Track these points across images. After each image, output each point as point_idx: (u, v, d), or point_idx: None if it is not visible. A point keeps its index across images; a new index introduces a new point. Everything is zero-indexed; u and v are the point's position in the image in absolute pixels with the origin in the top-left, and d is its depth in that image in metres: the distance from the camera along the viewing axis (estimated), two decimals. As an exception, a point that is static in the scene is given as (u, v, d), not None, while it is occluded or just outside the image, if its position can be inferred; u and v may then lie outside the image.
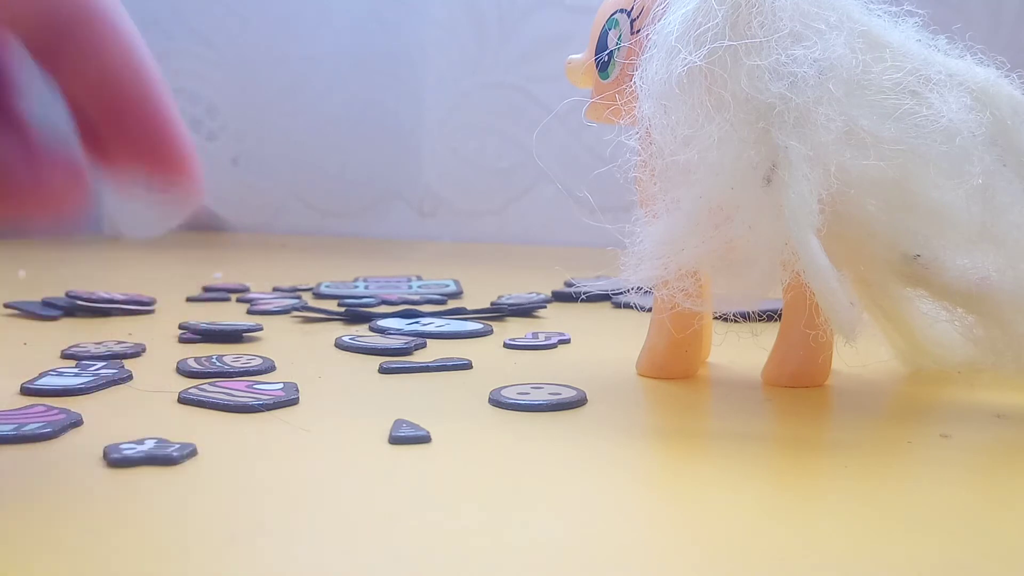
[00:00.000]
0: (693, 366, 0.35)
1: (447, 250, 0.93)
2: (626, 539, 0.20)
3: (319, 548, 0.19)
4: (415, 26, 1.04)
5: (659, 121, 0.29)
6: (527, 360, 0.39)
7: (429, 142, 1.05)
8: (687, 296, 0.31)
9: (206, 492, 0.22)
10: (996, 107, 0.31)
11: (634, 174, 0.32)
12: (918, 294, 0.33)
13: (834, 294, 0.28)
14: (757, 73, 0.28)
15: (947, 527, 0.21)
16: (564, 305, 0.55)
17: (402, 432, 0.27)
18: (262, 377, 0.35)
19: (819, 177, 0.28)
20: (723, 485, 0.23)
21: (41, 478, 0.23)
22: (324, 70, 1.05)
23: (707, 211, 0.29)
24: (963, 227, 0.30)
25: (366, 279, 0.64)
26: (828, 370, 0.34)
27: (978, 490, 0.24)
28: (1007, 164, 0.31)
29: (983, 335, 0.32)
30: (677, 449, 0.27)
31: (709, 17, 0.28)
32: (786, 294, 0.33)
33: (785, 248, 0.28)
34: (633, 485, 0.24)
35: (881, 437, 0.28)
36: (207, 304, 0.55)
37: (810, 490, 0.23)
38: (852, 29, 0.29)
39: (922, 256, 0.30)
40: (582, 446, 0.27)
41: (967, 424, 0.29)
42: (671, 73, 0.29)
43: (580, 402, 0.31)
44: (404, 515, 0.21)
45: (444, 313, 0.51)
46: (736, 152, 0.28)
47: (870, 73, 0.29)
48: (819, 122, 0.28)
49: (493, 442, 0.27)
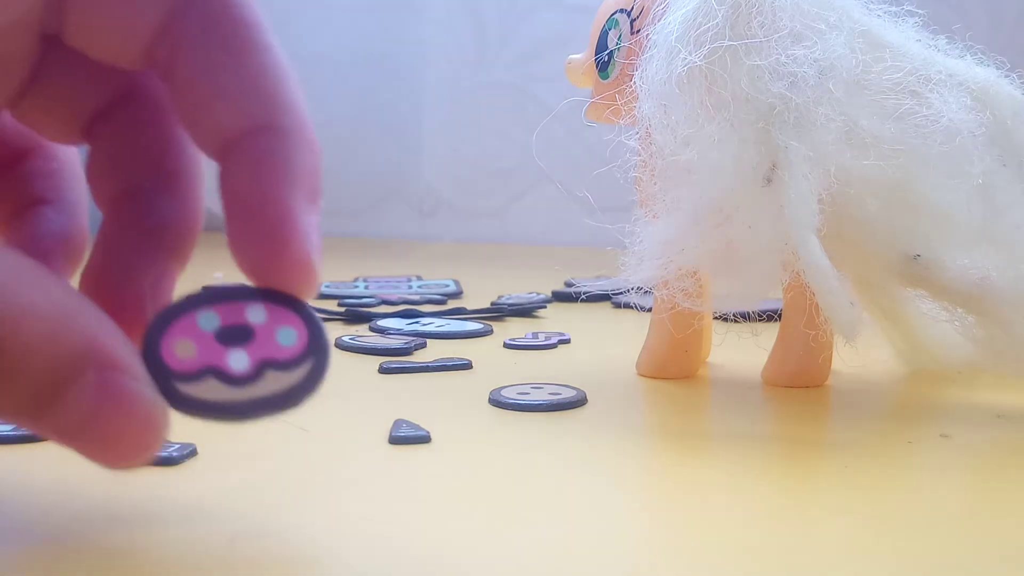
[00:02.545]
0: (693, 366, 0.35)
1: (447, 250, 0.93)
2: (626, 539, 0.20)
3: (319, 548, 0.19)
4: (415, 26, 1.04)
5: (659, 121, 0.29)
6: (527, 360, 0.39)
7: (429, 142, 1.05)
8: (687, 296, 0.31)
9: (206, 492, 0.22)
10: (996, 107, 0.31)
11: (634, 174, 0.32)
12: (918, 294, 0.33)
13: (834, 294, 0.28)
14: (757, 73, 0.28)
15: (947, 527, 0.21)
16: (564, 305, 0.55)
17: (402, 432, 0.27)
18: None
19: (819, 177, 0.28)
20: (723, 485, 0.23)
21: (42, 478, 0.23)
22: (324, 70, 1.05)
23: (707, 211, 0.29)
24: (963, 227, 0.30)
25: (366, 279, 0.64)
26: (828, 370, 0.34)
27: (978, 490, 0.24)
28: (1007, 164, 0.31)
29: (983, 335, 0.32)
30: (677, 449, 0.27)
31: (709, 17, 0.28)
32: (786, 294, 0.33)
33: (785, 248, 0.28)
34: (633, 485, 0.24)
35: (881, 437, 0.28)
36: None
37: (810, 490, 0.23)
38: (852, 29, 0.29)
39: (922, 256, 0.30)
40: (582, 446, 0.27)
41: (967, 424, 0.29)
42: (671, 73, 0.29)
43: (580, 402, 0.31)
44: (404, 515, 0.21)
45: (444, 313, 0.51)
46: (736, 152, 0.28)
47: (870, 73, 0.29)
48: (819, 122, 0.28)
49: (493, 442, 0.27)
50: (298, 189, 0.19)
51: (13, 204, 0.24)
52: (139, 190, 0.22)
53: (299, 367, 0.19)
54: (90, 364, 0.18)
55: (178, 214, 0.22)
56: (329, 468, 0.25)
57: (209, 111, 0.20)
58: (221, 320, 0.19)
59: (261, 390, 0.19)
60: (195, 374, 0.19)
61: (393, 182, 1.07)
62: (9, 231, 0.24)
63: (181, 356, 0.19)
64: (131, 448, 0.18)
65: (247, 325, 0.19)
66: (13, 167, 0.24)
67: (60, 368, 0.17)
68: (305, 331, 0.19)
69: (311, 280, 0.19)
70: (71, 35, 0.21)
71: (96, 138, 0.23)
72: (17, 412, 0.18)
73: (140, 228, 0.22)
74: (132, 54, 0.21)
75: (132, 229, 0.22)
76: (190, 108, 0.20)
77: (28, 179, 0.24)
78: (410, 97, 1.05)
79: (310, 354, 0.19)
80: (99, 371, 0.18)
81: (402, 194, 1.07)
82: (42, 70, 0.22)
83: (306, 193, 0.19)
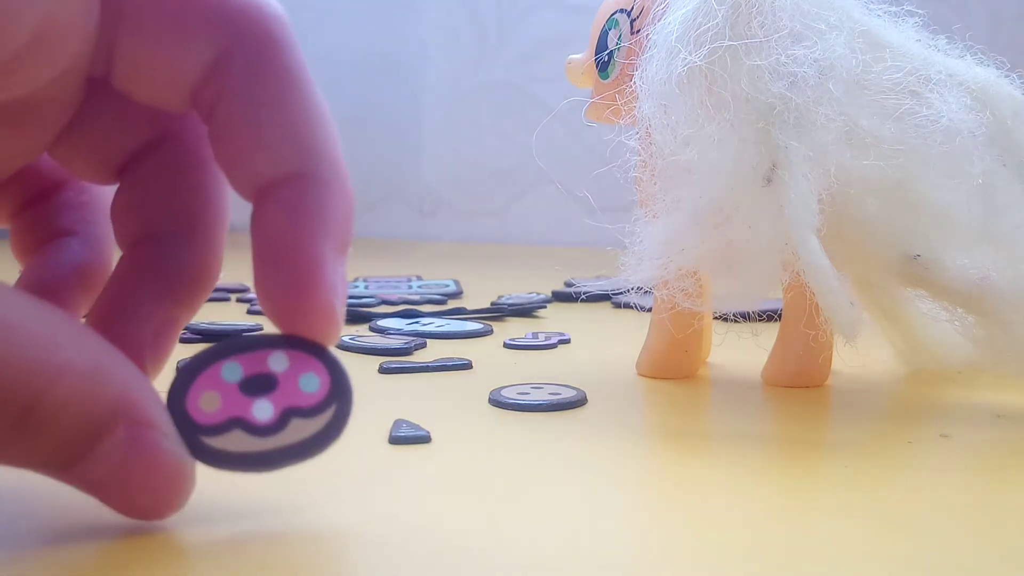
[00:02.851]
0: (693, 366, 0.35)
1: (447, 250, 0.93)
2: (626, 539, 0.20)
3: (319, 548, 0.19)
4: (415, 26, 1.04)
5: (659, 121, 0.29)
6: (527, 360, 0.39)
7: (429, 142, 1.05)
8: (687, 296, 0.31)
9: (204, 493, 0.22)
10: (996, 107, 0.31)
11: (634, 174, 0.32)
12: (918, 294, 0.33)
13: (834, 294, 0.28)
14: (757, 73, 0.28)
15: (947, 527, 0.21)
16: (564, 305, 0.55)
17: (402, 432, 0.27)
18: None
19: (819, 177, 0.28)
20: (723, 485, 0.23)
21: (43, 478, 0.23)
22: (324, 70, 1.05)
23: (707, 211, 0.29)
24: (963, 227, 0.30)
25: (366, 279, 0.64)
26: (828, 370, 0.34)
27: (978, 490, 0.24)
28: (1007, 164, 0.31)
29: (983, 335, 0.32)
30: (677, 449, 0.27)
31: (709, 17, 0.28)
32: (786, 294, 0.33)
33: (785, 248, 0.28)
34: (633, 485, 0.24)
35: (881, 437, 0.28)
36: (207, 304, 0.55)
37: (810, 490, 0.23)
38: (852, 29, 0.29)
39: (922, 256, 0.30)
40: (582, 446, 0.27)
41: (967, 424, 0.29)
42: (671, 73, 0.29)
43: (580, 402, 0.31)
44: (404, 515, 0.21)
45: (444, 313, 0.51)
46: (736, 152, 0.28)
47: (870, 73, 0.29)
48: (819, 122, 0.28)
49: (493, 442, 0.27)
50: (329, 238, 0.20)
51: (42, 234, 0.25)
52: (161, 234, 0.23)
53: (323, 413, 0.19)
54: (121, 420, 0.18)
55: (196, 263, 0.23)
56: (329, 468, 0.25)
57: (248, 156, 0.20)
58: (244, 370, 0.20)
59: (286, 439, 0.19)
60: (221, 426, 0.19)
61: (393, 182, 1.07)
62: (33, 258, 0.25)
63: (206, 409, 0.19)
64: (158, 502, 0.19)
65: (270, 373, 0.19)
66: (46, 199, 0.25)
67: (92, 424, 0.18)
68: (327, 376, 0.20)
69: (334, 328, 0.20)
70: (119, 78, 0.21)
71: (126, 178, 0.23)
72: (47, 465, 0.18)
73: (155, 271, 0.22)
74: (177, 97, 0.21)
75: (148, 271, 0.22)
76: (229, 151, 0.21)
77: (58, 210, 0.25)
78: (410, 97, 1.05)
79: (333, 399, 0.20)
80: (129, 427, 0.18)
81: (402, 194, 1.07)
82: (83, 112, 0.22)
83: (336, 242, 0.20)
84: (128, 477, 0.18)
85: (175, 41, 0.20)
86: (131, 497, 0.18)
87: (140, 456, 0.18)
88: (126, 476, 0.18)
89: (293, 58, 0.20)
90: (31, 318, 0.17)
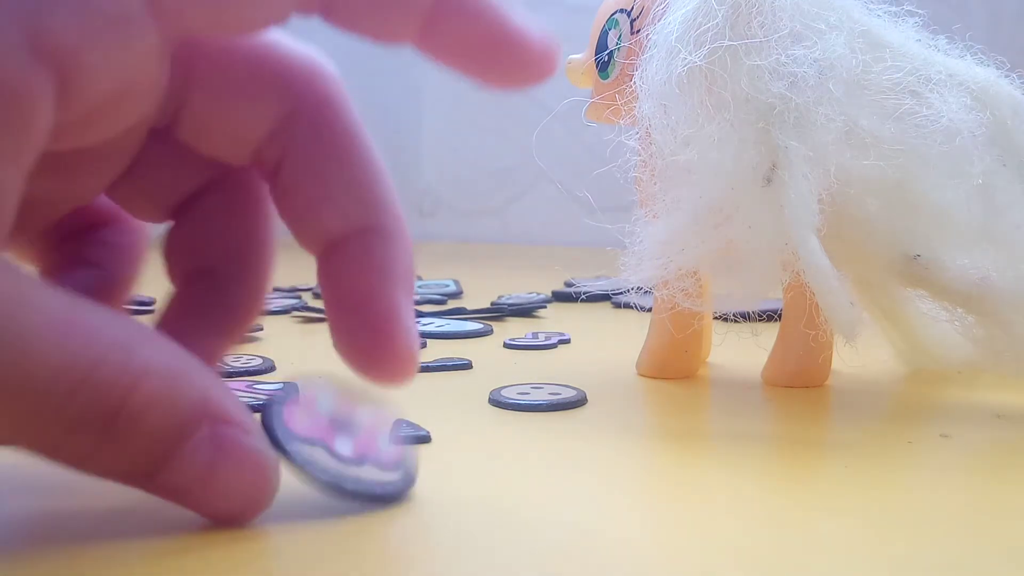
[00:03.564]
0: (693, 366, 0.35)
1: (447, 250, 0.93)
2: (626, 539, 0.20)
3: (319, 548, 0.19)
4: (415, 26, 1.04)
5: (659, 121, 0.29)
6: (527, 360, 0.39)
7: (429, 142, 1.05)
8: (687, 296, 0.31)
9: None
10: (996, 107, 0.31)
11: (634, 174, 0.32)
12: (918, 294, 0.33)
13: (834, 294, 0.28)
14: (757, 73, 0.28)
15: (947, 527, 0.21)
16: (564, 305, 0.55)
17: (402, 432, 0.27)
18: (262, 377, 0.35)
19: (819, 177, 0.28)
20: (723, 485, 0.23)
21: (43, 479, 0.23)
22: (324, 70, 1.05)
23: (707, 211, 0.29)
24: (963, 227, 0.30)
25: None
26: (828, 370, 0.34)
27: (978, 490, 0.24)
28: (1007, 164, 0.31)
29: (983, 335, 0.32)
30: (677, 449, 0.27)
31: (709, 17, 0.28)
32: (786, 294, 0.33)
33: (785, 248, 0.28)
34: (633, 485, 0.24)
35: (881, 437, 0.28)
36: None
37: (810, 490, 0.23)
38: (852, 29, 0.29)
39: (922, 256, 0.30)
40: (582, 446, 0.27)
41: (967, 424, 0.29)
42: (671, 73, 0.29)
43: (580, 402, 0.31)
44: (404, 515, 0.21)
45: (444, 313, 0.51)
46: (736, 152, 0.28)
47: (870, 73, 0.29)
48: (819, 122, 0.28)
49: (493, 442, 0.27)
50: (399, 286, 0.21)
51: (66, 258, 0.25)
52: (211, 271, 0.23)
53: (394, 472, 0.21)
54: (204, 420, 0.18)
55: (243, 299, 0.23)
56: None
57: (315, 212, 0.21)
58: (336, 408, 0.21)
59: (362, 473, 0.21)
60: (309, 440, 0.20)
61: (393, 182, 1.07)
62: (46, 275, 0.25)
63: (299, 423, 0.20)
64: (245, 501, 0.19)
65: (356, 422, 0.21)
66: (90, 232, 0.25)
67: (176, 425, 0.18)
68: (400, 451, 0.22)
69: (411, 372, 0.21)
70: (185, 132, 0.21)
71: (180, 218, 0.24)
72: (131, 473, 0.18)
73: (203, 305, 0.23)
74: (241, 153, 0.22)
75: (196, 306, 0.23)
76: (296, 207, 0.21)
77: (92, 243, 0.25)
78: (410, 97, 1.05)
79: (401, 467, 0.22)
80: (213, 425, 0.18)
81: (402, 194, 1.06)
82: (142, 157, 0.22)
83: (406, 289, 0.21)
84: (214, 476, 0.18)
85: (244, 103, 0.21)
86: (218, 497, 0.19)
87: (226, 453, 0.18)
88: (212, 475, 0.18)
89: (352, 116, 0.22)
90: (107, 323, 0.17)
